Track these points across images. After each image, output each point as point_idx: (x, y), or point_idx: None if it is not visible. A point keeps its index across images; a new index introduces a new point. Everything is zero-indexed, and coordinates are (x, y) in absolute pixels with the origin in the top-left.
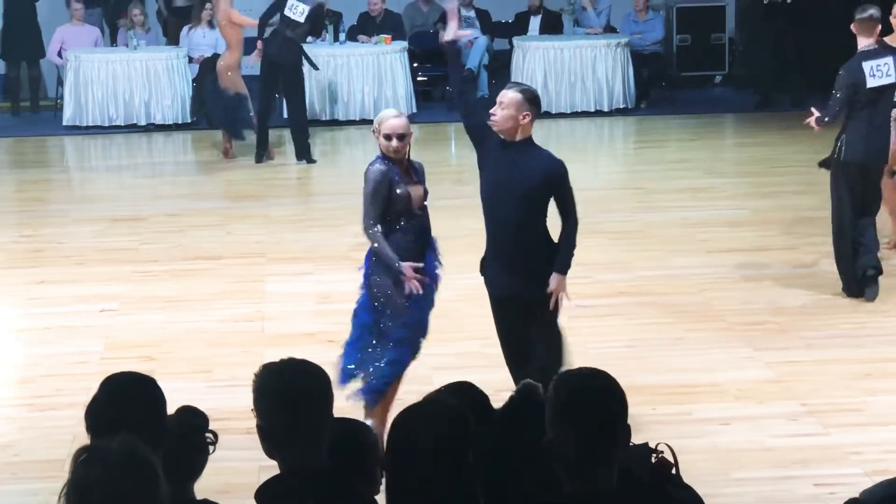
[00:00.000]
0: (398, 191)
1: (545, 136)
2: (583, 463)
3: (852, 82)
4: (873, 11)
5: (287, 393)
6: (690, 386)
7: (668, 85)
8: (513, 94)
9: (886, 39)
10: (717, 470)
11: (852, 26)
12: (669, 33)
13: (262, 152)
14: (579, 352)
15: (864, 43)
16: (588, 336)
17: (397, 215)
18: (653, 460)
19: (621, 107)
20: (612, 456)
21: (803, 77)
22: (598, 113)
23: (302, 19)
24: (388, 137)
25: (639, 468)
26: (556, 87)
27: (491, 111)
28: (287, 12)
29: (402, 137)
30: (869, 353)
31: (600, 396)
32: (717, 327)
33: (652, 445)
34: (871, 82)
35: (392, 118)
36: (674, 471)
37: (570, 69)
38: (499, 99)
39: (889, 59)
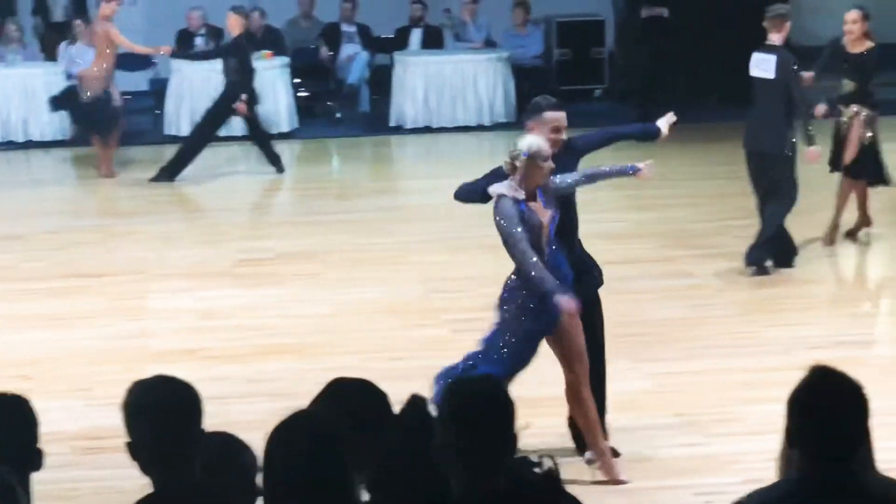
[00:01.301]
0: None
1: (426, 151)
2: (471, 468)
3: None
4: (779, 7)
5: (155, 408)
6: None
7: None
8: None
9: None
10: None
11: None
12: (549, 47)
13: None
14: None
15: (770, 37)
16: (469, 349)
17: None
18: (537, 470)
19: (503, 121)
20: (501, 463)
21: (682, 90)
22: (480, 127)
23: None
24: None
25: (526, 477)
26: (437, 101)
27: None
28: None
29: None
30: (746, 362)
31: (489, 404)
32: None
33: (534, 457)
34: (754, 72)
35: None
36: (556, 481)
37: (451, 84)
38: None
39: (772, 58)
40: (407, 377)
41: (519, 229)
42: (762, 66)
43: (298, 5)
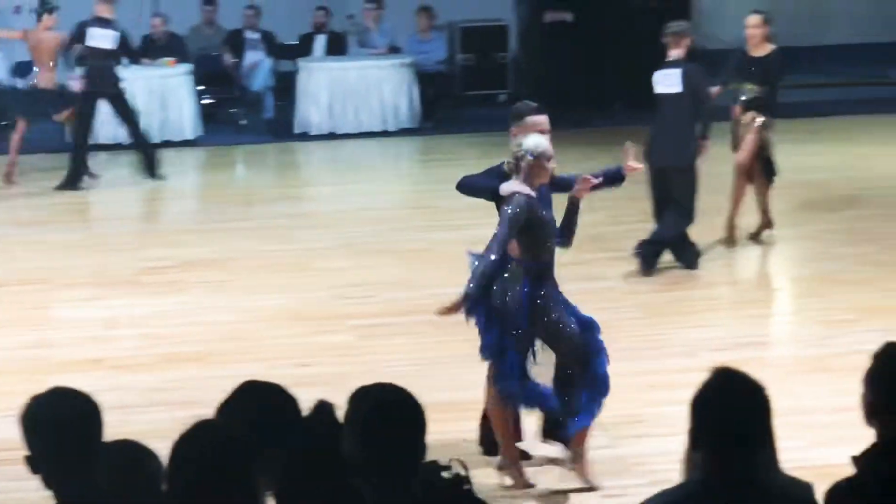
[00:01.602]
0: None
1: (331, 157)
2: (383, 477)
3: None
4: (680, 24)
5: (52, 422)
6: (478, 403)
7: (454, 104)
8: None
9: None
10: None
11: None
12: (453, 53)
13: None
14: (368, 371)
15: (670, 53)
16: (377, 355)
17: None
18: (446, 475)
19: (407, 126)
20: (411, 469)
21: (586, 95)
22: (385, 133)
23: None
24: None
25: (435, 483)
26: (341, 107)
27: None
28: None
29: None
30: (651, 365)
31: (398, 411)
32: None
33: (443, 462)
34: (658, 89)
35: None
36: (466, 486)
37: (356, 90)
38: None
39: (677, 72)
40: (314, 383)
41: (511, 229)
42: (667, 81)
43: (201, 12)
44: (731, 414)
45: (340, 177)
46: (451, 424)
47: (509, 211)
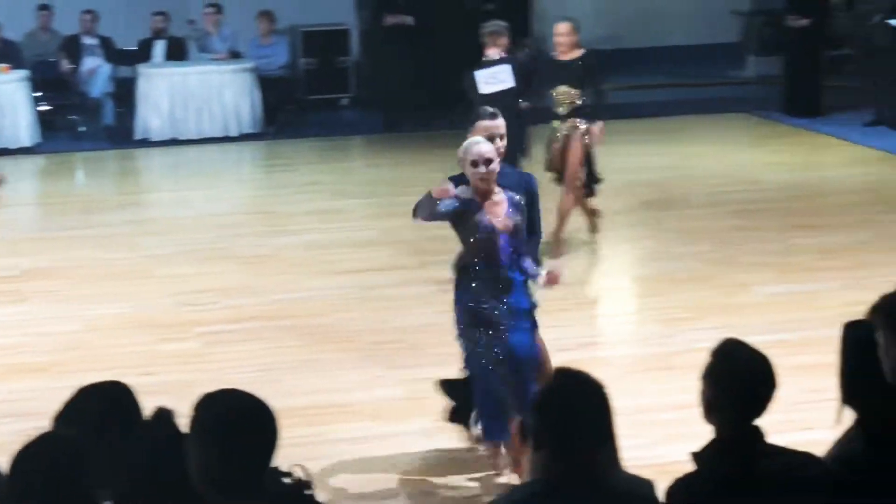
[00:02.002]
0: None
1: (173, 163)
2: (226, 483)
3: (472, 90)
4: (498, 23)
5: None
6: (324, 407)
7: (296, 108)
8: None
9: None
10: (352, 489)
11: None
12: (295, 57)
13: None
14: (214, 378)
15: (488, 52)
16: (221, 362)
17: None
18: (289, 481)
19: (250, 132)
20: (256, 476)
21: (427, 98)
22: (227, 139)
23: None
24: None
25: (278, 489)
26: (182, 113)
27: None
28: None
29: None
30: None
31: (244, 417)
32: (350, 347)
33: (285, 468)
34: (485, 89)
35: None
36: (307, 491)
37: (197, 95)
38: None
39: (506, 67)
40: (159, 392)
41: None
42: (496, 78)
43: (36, 17)
44: (571, 413)
45: (182, 183)
46: (299, 429)
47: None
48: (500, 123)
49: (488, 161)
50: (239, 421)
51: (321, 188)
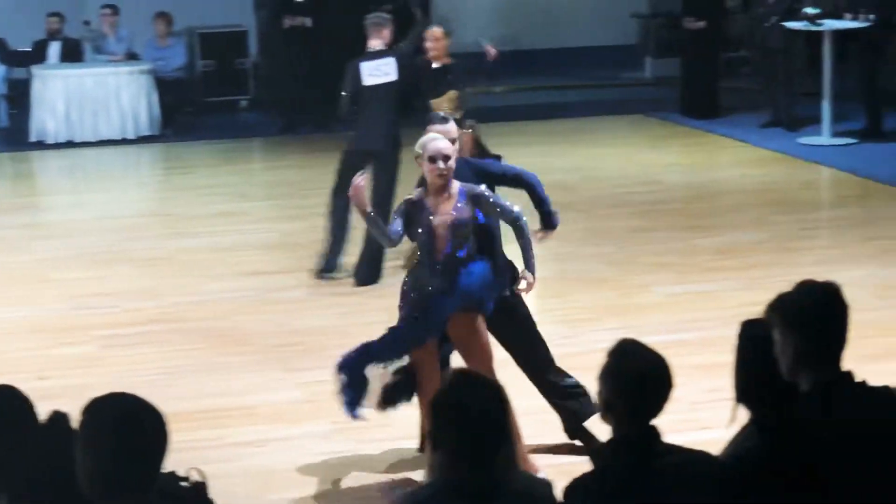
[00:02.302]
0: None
1: (70, 166)
2: (117, 488)
3: (353, 81)
4: (380, 15)
5: None
6: (224, 410)
7: (194, 110)
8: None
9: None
10: (252, 492)
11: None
12: (193, 59)
13: None
14: (111, 382)
15: (371, 44)
16: (120, 366)
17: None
18: (186, 485)
19: (147, 134)
20: (149, 480)
21: (325, 99)
22: (124, 141)
23: None
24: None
25: (174, 492)
26: (79, 115)
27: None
28: None
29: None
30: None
31: (133, 420)
32: (249, 350)
33: (182, 472)
34: (369, 81)
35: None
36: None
37: (93, 97)
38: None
39: (390, 60)
40: (55, 396)
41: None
42: (380, 70)
43: None
44: (468, 414)
45: (78, 186)
46: (199, 432)
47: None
48: (451, 128)
49: (446, 157)
50: (127, 423)
51: (220, 191)
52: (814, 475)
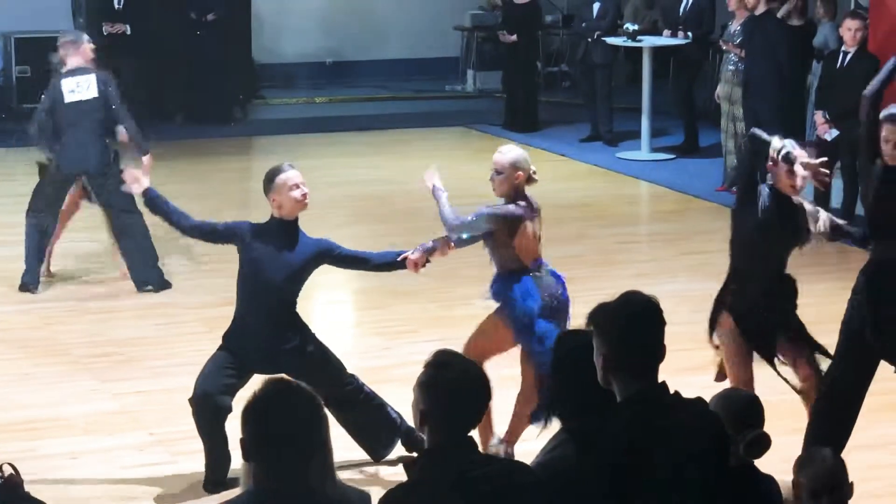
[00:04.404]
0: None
1: None
2: None
3: (52, 99)
4: (76, 33)
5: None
6: (37, 421)
7: (9, 117)
8: None
9: None
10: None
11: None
12: (8, 64)
13: None
14: None
15: (70, 62)
16: None
17: None
18: None
19: None
20: None
21: (147, 108)
22: None
23: None
24: None
25: None
26: None
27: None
28: None
29: None
30: None
31: None
32: (64, 361)
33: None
34: (70, 98)
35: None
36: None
37: None
38: None
39: (92, 77)
40: None
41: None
42: (80, 87)
43: None
44: (278, 423)
45: None
46: (12, 444)
47: None
48: (297, 173)
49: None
50: None
51: None
52: (621, 483)
